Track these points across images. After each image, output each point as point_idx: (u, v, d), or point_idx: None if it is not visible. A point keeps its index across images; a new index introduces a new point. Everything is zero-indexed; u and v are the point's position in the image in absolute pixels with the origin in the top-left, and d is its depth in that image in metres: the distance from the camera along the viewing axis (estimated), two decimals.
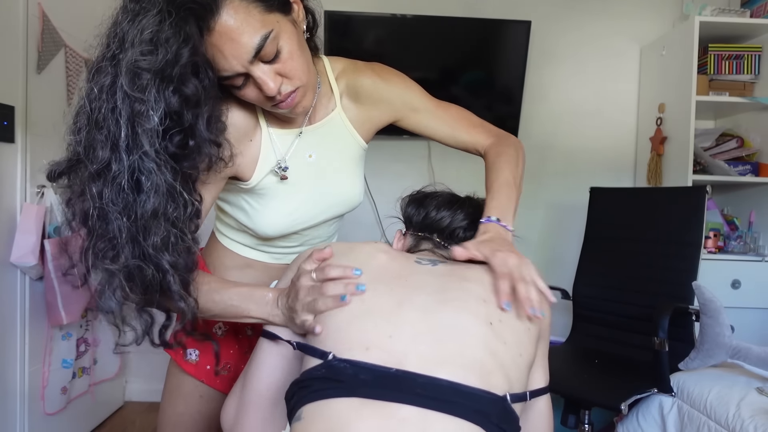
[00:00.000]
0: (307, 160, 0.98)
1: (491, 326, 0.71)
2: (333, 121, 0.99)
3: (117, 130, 0.67)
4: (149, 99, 0.67)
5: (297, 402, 0.66)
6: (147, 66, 0.66)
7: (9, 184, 1.78)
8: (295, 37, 0.81)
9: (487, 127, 1.08)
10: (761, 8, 2.47)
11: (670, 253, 1.97)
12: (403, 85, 1.04)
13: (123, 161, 0.67)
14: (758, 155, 2.46)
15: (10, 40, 1.75)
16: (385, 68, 1.05)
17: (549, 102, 2.76)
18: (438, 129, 1.06)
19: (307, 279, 0.79)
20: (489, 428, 0.62)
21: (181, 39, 0.68)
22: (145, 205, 0.69)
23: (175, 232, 0.72)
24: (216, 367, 1.09)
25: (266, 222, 0.98)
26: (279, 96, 0.81)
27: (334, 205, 1.05)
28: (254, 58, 0.76)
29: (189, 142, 0.72)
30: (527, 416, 0.79)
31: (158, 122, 0.67)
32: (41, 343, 1.92)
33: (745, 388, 1.46)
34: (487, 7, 2.68)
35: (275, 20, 0.78)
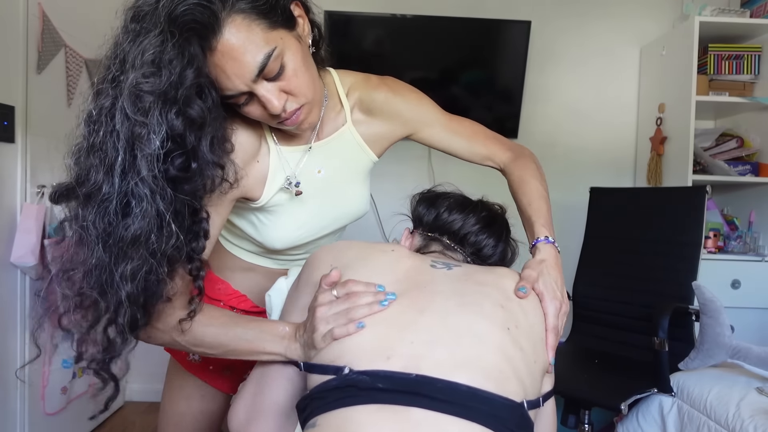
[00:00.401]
0: (317, 176, 0.96)
1: (508, 332, 0.71)
2: (343, 135, 0.97)
3: (114, 154, 0.65)
4: (151, 122, 0.65)
5: (311, 412, 0.66)
6: (149, 88, 0.65)
7: (9, 184, 1.78)
8: (300, 53, 0.79)
9: (501, 139, 1.09)
10: (761, 8, 2.47)
11: (670, 253, 1.97)
12: (417, 100, 1.03)
13: (115, 185, 0.65)
14: (758, 155, 2.46)
15: (10, 40, 1.75)
16: (397, 82, 1.03)
17: (549, 102, 2.76)
18: (453, 142, 1.06)
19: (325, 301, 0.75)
20: None
21: (185, 60, 0.66)
22: (128, 229, 0.66)
23: (151, 262, 0.68)
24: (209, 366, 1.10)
25: (275, 236, 0.97)
26: (284, 114, 0.79)
27: (341, 217, 1.05)
28: (257, 76, 0.74)
29: (191, 165, 0.70)
30: (536, 421, 0.79)
31: (159, 146, 0.65)
32: (41, 343, 1.92)
33: (745, 388, 1.46)
34: (487, 7, 2.68)
35: (279, 37, 0.75)
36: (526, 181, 0.98)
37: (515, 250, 0.99)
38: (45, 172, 1.91)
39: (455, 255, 0.94)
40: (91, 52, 2.15)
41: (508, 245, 0.97)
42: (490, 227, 0.94)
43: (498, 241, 0.95)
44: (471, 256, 0.94)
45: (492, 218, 0.96)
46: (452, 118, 1.07)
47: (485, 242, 0.93)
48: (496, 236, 0.95)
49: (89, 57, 2.14)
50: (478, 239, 0.92)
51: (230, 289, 1.10)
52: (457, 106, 2.59)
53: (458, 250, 0.94)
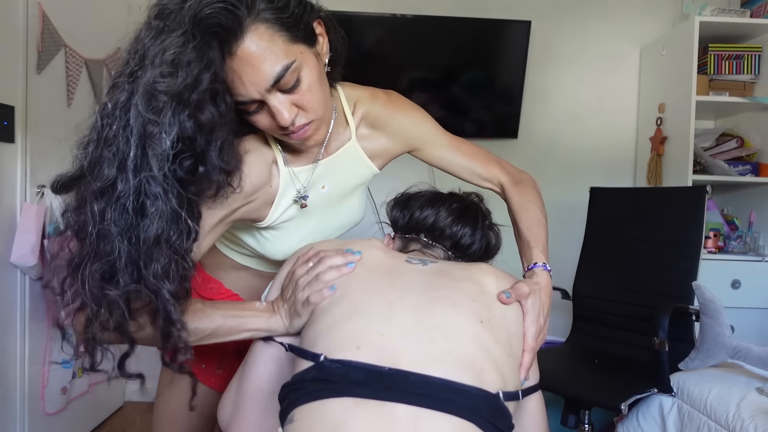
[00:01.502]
0: (321, 192, 0.97)
1: (482, 324, 0.71)
2: (348, 151, 0.98)
3: (126, 149, 0.65)
4: (163, 122, 0.65)
5: (289, 404, 0.66)
6: (165, 88, 0.64)
7: (9, 184, 1.78)
8: (317, 70, 0.80)
9: (501, 163, 1.10)
10: (761, 8, 2.47)
11: (670, 253, 1.97)
12: (420, 118, 1.05)
13: (129, 182, 0.65)
14: (758, 155, 2.46)
15: (10, 40, 1.75)
16: (402, 99, 1.05)
17: (549, 102, 2.76)
18: (454, 162, 1.07)
19: (302, 272, 0.79)
20: (482, 425, 0.62)
21: (203, 64, 0.66)
22: (149, 230, 0.66)
23: (176, 259, 0.69)
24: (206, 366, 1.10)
25: (276, 250, 0.98)
26: (291, 127, 0.79)
27: (339, 228, 1.06)
28: (272, 86, 0.74)
29: (199, 168, 0.70)
30: (520, 415, 0.79)
31: (170, 146, 0.65)
32: (41, 343, 1.92)
33: (745, 388, 1.46)
34: (487, 7, 2.68)
35: (299, 51, 0.76)
36: (526, 207, 0.99)
37: (498, 234, 0.99)
38: (45, 172, 1.91)
39: (435, 252, 0.94)
40: (91, 52, 2.15)
41: (490, 230, 0.97)
42: (463, 216, 0.94)
43: (474, 229, 0.95)
44: (451, 249, 0.94)
45: (464, 207, 0.96)
46: (454, 138, 1.08)
47: (461, 232, 0.94)
48: (472, 224, 0.95)
49: (89, 57, 2.14)
50: (453, 231, 0.93)
51: (222, 288, 1.10)
52: (457, 106, 2.59)
53: (437, 246, 0.94)
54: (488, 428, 0.63)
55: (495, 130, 2.64)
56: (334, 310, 0.74)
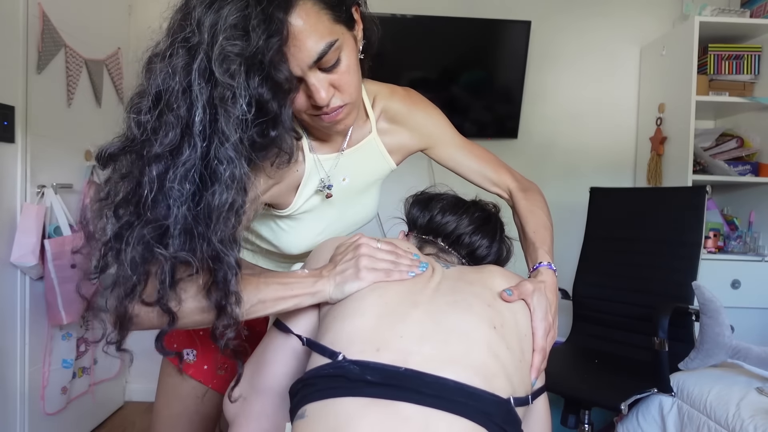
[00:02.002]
0: (342, 184, 0.97)
1: (495, 330, 0.71)
2: (368, 144, 0.99)
3: (191, 114, 0.64)
4: (238, 85, 0.64)
5: (301, 399, 0.66)
6: (237, 51, 0.64)
7: (9, 184, 1.78)
8: (354, 53, 0.81)
9: (511, 170, 1.12)
10: (761, 8, 2.47)
11: (670, 253, 1.97)
12: (437, 116, 1.07)
13: (197, 146, 0.64)
14: (758, 155, 2.46)
15: (10, 40, 1.75)
16: (420, 96, 1.07)
17: (549, 102, 2.76)
18: (465, 163, 1.09)
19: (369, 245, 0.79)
20: (492, 429, 0.62)
21: (272, 27, 0.66)
22: (222, 195, 0.65)
23: (239, 228, 0.68)
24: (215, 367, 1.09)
25: (293, 242, 0.98)
26: (326, 108, 0.79)
27: (355, 224, 1.07)
28: (314, 63, 0.75)
29: (271, 132, 0.70)
30: (526, 417, 0.79)
31: (245, 110, 0.65)
32: (41, 343, 1.92)
33: (745, 388, 1.46)
34: (487, 7, 2.68)
35: (341, 32, 0.77)
36: (534, 213, 1.01)
37: (510, 248, 1.00)
38: (45, 172, 1.91)
39: (449, 257, 0.95)
40: (91, 52, 2.15)
41: (502, 244, 0.98)
42: (484, 227, 0.95)
43: (492, 241, 0.96)
44: (466, 257, 0.95)
45: (486, 218, 0.97)
46: (467, 142, 1.11)
47: (479, 243, 0.94)
48: (490, 236, 0.96)
49: (89, 57, 2.14)
50: (472, 240, 0.93)
51: None
52: (457, 106, 2.59)
53: (452, 252, 0.95)
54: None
55: (495, 130, 2.64)
56: (358, 309, 0.73)
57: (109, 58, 2.30)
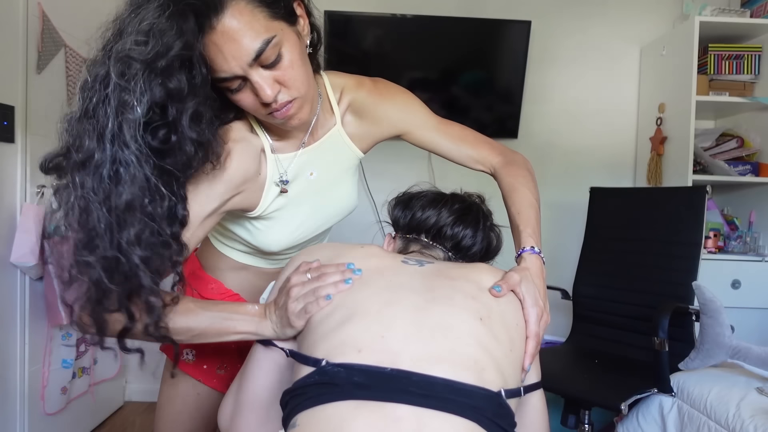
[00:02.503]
0: (309, 178, 0.98)
1: (481, 321, 0.71)
2: (332, 137, 0.99)
3: (105, 120, 0.66)
4: (135, 89, 0.66)
5: (291, 410, 0.66)
6: (136, 56, 0.66)
7: (9, 184, 1.78)
8: (298, 48, 0.81)
9: (492, 144, 1.09)
10: (761, 8, 2.47)
11: (670, 253, 1.97)
12: (406, 102, 1.05)
13: (106, 151, 0.66)
14: (758, 155, 2.46)
15: (10, 40, 1.75)
16: (388, 84, 1.05)
17: (549, 102, 2.76)
18: (442, 143, 1.07)
19: (298, 282, 0.79)
20: (484, 424, 0.62)
21: (174, 32, 0.67)
22: (122, 196, 0.67)
23: (152, 226, 0.70)
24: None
25: (270, 241, 0.98)
26: (275, 104, 0.80)
27: (333, 216, 1.07)
28: (254, 61, 0.75)
29: (171, 137, 0.70)
30: (522, 413, 0.79)
31: (142, 114, 0.66)
32: (41, 343, 1.92)
33: (745, 388, 1.46)
34: (487, 7, 2.68)
35: (279, 27, 0.77)
36: (516, 189, 0.98)
37: (499, 236, 0.99)
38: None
39: (435, 253, 0.94)
40: (91, 52, 2.15)
41: (490, 232, 0.97)
42: (465, 217, 0.94)
43: (475, 230, 0.94)
44: (452, 250, 0.94)
45: (466, 208, 0.96)
46: (442, 121, 1.08)
47: (462, 233, 0.93)
48: (473, 226, 0.94)
49: (89, 57, 2.14)
50: (454, 231, 0.92)
51: (223, 288, 1.10)
52: (457, 106, 2.59)
53: (437, 247, 0.94)
54: (491, 427, 0.63)
55: (495, 130, 2.63)
56: (332, 316, 0.73)
57: None
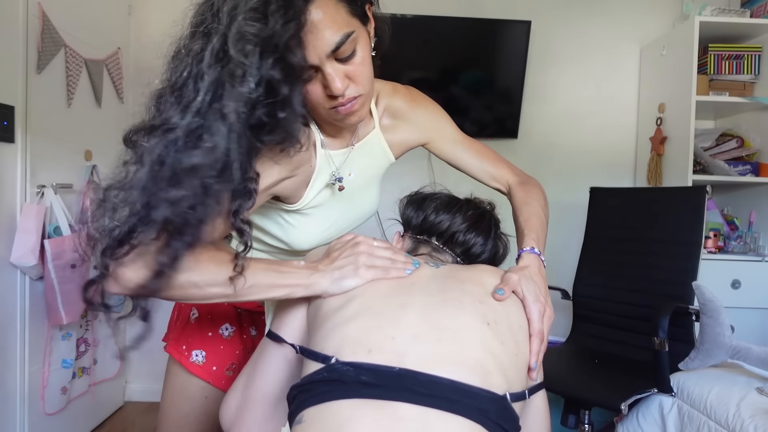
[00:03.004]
0: (348, 179, 0.98)
1: (489, 326, 0.71)
2: (372, 140, 1.02)
3: (193, 95, 0.66)
4: (251, 64, 0.66)
5: (298, 405, 0.66)
6: (254, 31, 0.66)
7: (9, 184, 1.78)
8: (368, 47, 0.84)
9: (511, 165, 1.14)
10: (761, 8, 2.47)
11: (670, 253, 1.97)
12: (437, 113, 1.11)
13: (186, 118, 0.66)
14: (758, 155, 2.46)
15: (10, 40, 1.75)
16: (421, 94, 1.11)
17: (549, 102, 2.76)
18: (465, 157, 1.12)
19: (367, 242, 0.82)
20: (489, 426, 0.63)
21: (290, 13, 0.68)
22: (192, 157, 0.65)
23: (199, 198, 0.66)
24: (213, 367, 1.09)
25: (302, 237, 0.98)
26: (342, 98, 0.81)
27: (360, 218, 1.08)
28: (332, 53, 0.76)
29: (279, 114, 0.70)
30: (525, 414, 0.79)
31: (253, 88, 0.66)
32: (41, 343, 1.92)
33: (745, 388, 1.46)
34: (487, 7, 2.68)
35: (356, 25, 0.79)
36: (530, 204, 1.02)
37: (506, 245, 1.00)
38: (45, 172, 1.91)
39: (444, 256, 0.94)
40: (91, 52, 2.15)
41: (498, 241, 0.98)
42: (478, 225, 0.95)
43: (486, 238, 0.95)
44: (461, 256, 0.95)
45: (479, 216, 0.97)
46: (468, 138, 1.14)
47: (473, 240, 0.94)
48: (485, 234, 0.95)
49: (89, 57, 2.14)
50: (466, 238, 0.93)
51: None
52: (457, 106, 2.59)
53: (447, 251, 0.94)
54: (495, 430, 0.63)
55: (495, 130, 2.64)
56: (344, 308, 0.74)
57: (109, 58, 2.30)
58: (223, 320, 1.12)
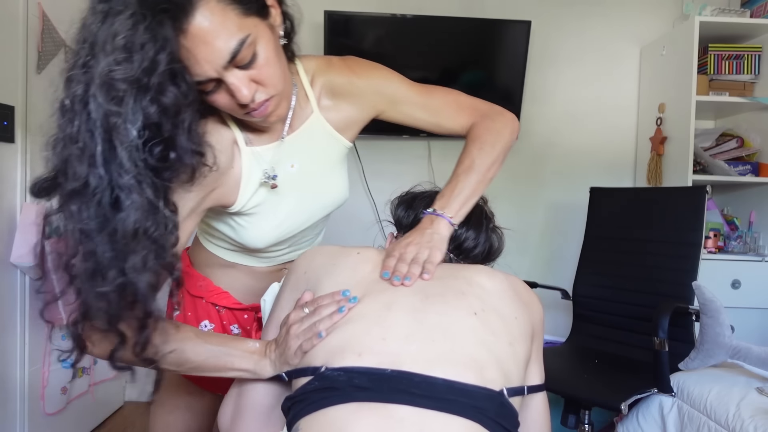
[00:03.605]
0: (290, 171, 0.95)
1: (476, 316, 0.71)
2: (312, 126, 0.95)
3: (92, 143, 0.62)
4: (126, 111, 0.62)
5: (294, 416, 0.66)
6: (122, 76, 0.61)
7: (9, 184, 1.78)
8: (272, 43, 0.78)
9: (476, 106, 1.03)
10: (761, 8, 2.47)
11: (670, 253, 1.97)
12: (379, 78, 0.99)
13: (101, 177, 0.63)
14: (758, 155, 2.46)
15: (10, 40, 1.75)
16: (360, 62, 0.99)
17: (549, 102, 2.76)
18: (420, 118, 1.01)
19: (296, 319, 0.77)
20: (487, 424, 0.62)
21: (158, 45, 0.63)
22: (126, 223, 0.64)
23: (155, 250, 0.67)
24: None
25: (254, 237, 0.96)
26: (252, 104, 0.77)
27: (321, 209, 1.03)
28: (229, 63, 0.72)
29: (170, 154, 0.67)
30: (524, 414, 0.79)
31: (137, 135, 0.63)
32: (41, 343, 1.92)
33: (745, 388, 1.46)
34: (487, 7, 2.68)
35: (252, 24, 0.74)
36: (464, 152, 0.95)
37: (501, 238, 0.98)
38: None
39: None
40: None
41: (492, 234, 0.96)
42: (468, 219, 0.93)
43: (478, 232, 0.94)
44: (454, 252, 0.93)
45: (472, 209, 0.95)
46: (422, 92, 1.01)
47: (465, 235, 0.92)
48: (475, 227, 0.94)
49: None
50: (456, 233, 0.91)
51: (212, 286, 1.08)
52: None
53: None
54: (494, 427, 0.63)
55: None
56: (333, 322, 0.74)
57: None
58: (204, 317, 1.10)
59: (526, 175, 2.73)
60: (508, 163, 1.12)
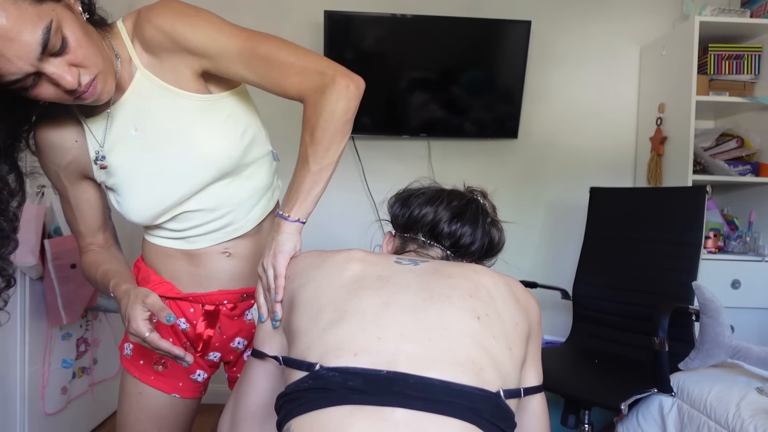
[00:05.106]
0: (134, 135, 0.90)
1: (479, 320, 0.70)
2: (140, 85, 0.89)
3: None
4: None
5: (285, 415, 0.65)
6: None
7: None
8: (77, 22, 0.76)
9: (305, 72, 0.86)
10: (761, 8, 2.47)
11: (670, 253, 1.97)
12: (194, 25, 0.85)
13: None
14: (758, 155, 2.46)
15: None
16: (169, 7, 0.85)
17: (549, 102, 2.76)
18: (248, 79, 0.89)
19: (131, 322, 0.87)
20: (483, 426, 0.62)
21: None
22: None
23: None
24: None
25: (131, 210, 0.95)
26: (80, 88, 0.76)
27: (202, 167, 0.93)
28: (42, 54, 0.70)
29: None
30: (521, 417, 0.78)
31: None
32: (41, 343, 1.92)
33: (745, 388, 1.46)
34: (487, 7, 2.68)
35: (50, 9, 0.71)
36: (301, 139, 0.86)
37: (502, 232, 0.95)
38: None
39: (433, 252, 0.92)
40: None
41: (492, 228, 0.94)
42: (462, 215, 0.91)
43: (474, 227, 0.91)
44: (451, 249, 0.91)
45: (463, 205, 0.93)
46: (243, 49, 0.86)
47: (460, 231, 0.90)
48: (471, 223, 0.91)
49: None
50: (451, 229, 0.90)
51: (153, 276, 1.05)
52: (457, 106, 2.59)
53: (435, 246, 0.91)
54: (490, 429, 0.62)
55: (495, 130, 2.63)
56: (319, 318, 0.71)
57: None
58: None
59: (526, 175, 2.73)
60: (508, 163, 1.12)
